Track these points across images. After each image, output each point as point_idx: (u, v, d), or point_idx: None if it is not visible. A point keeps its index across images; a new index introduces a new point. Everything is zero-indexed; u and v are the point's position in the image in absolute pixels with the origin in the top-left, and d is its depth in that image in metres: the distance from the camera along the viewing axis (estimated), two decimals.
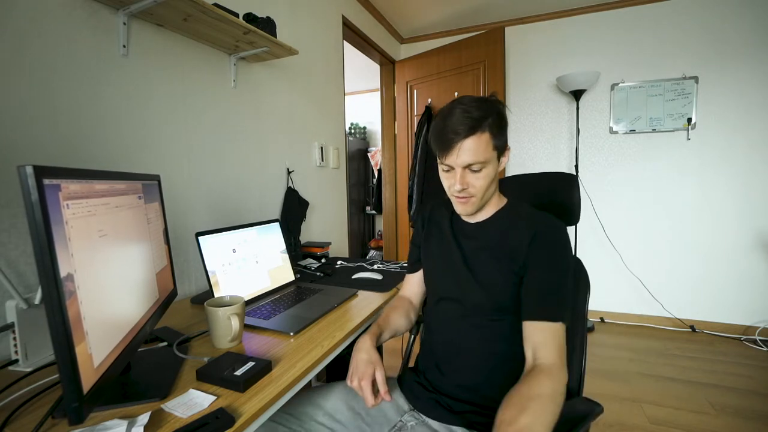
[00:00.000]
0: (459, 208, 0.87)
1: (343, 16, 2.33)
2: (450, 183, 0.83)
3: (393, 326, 0.92)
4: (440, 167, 0.85)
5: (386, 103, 3.31)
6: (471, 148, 0.78)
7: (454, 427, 0.80)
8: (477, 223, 0.90)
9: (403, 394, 0.91)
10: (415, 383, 0.90)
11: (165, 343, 0.86)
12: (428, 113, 2.96)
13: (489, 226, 0.89)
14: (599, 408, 0.76)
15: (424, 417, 0.85)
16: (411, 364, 1.04)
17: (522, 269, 0.80)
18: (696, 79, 2.53)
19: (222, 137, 1.47)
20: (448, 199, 0.96)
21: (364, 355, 0.77)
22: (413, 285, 1.04)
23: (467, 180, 0.81)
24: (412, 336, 1.12)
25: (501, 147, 0.82)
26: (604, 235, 2.80)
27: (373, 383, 0.75)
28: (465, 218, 0.92)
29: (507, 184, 1.07)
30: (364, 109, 4.65)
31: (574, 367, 0.89)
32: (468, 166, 0.79)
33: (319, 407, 0.86)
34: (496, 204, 0.90)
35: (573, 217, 0.96)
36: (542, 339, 0.73)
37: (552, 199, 0.98)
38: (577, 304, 0.91)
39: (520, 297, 0.81)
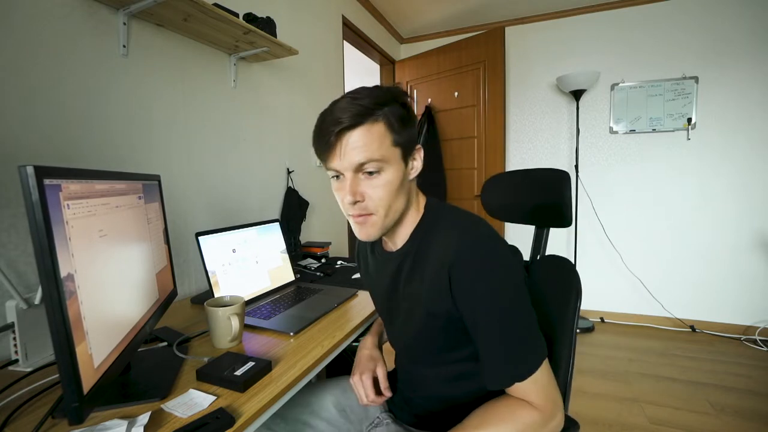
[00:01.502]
0: (357, 231, 0.65)
1: (343, 16, 2.33)
2: (341, 196, 0.62)
3: None
4: (331, 180, 0.65)
5: None
6: (359, 143, 0.59)
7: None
8: (389, 252, 0.71)
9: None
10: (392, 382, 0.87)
11: (165, 343, 0.86)
12: (428, 113, 2.96)
13: (401, 256, 0.68)
14: (575, 427, 0.72)
15: (395, 416, 0.84)
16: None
17: (448, 308, 0.61)
18: (696, 79, 2.53)
19: (222, 137, 1.47)
20: None
21: (366, 351, 0.79)
22: None
23: (361, 189, 0.61)
24: None
25: (406, 145, 0.62)
26: (604, 235, 2.80)
27: (376, 381, 0.75)
28: (386, 245, 0.73)
29: (488, 185, 1.00)
30: None
31: (558, 381, 0.73)
32: (360, 169, 0.60)
33: (306, 405, 0.86)
34: (411, 222, 0.68)
35: (565, 220, 0.83)
36: (525, 395, 0.59)
37: (543, 200, 0.87)
38: (567, 314, 0.77)
39: (456, 345, 0.65)
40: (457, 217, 0.65)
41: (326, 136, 0.60)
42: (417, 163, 0.66)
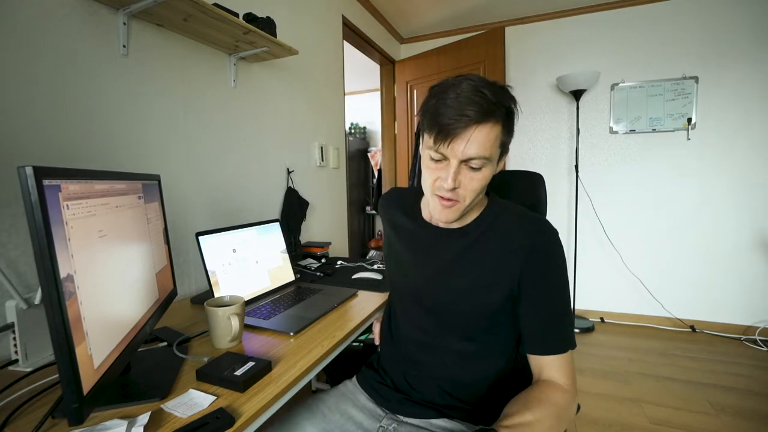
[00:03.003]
0: (439, 212, 0.70)
1: (343, 16, 2.33)
2: (436, 177, 0.67)
3: None
4: (427, 155, 0.68)
5: (386, 103, 3.31)
6: (480, 139, 0.62)
7: (434, 420, 0.76)
8: (450, 230, 0.76)
9: (371, 398, 0.85)
10: (378, 383, 0.85)
11: (165, 343, 0.86)
12: None
13: (468, 234, 0.74)
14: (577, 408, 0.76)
15: (400, 417, 0.79)
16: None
17: (514, 288, 0.69)
18: (696, 79, 2.53)
19: (222, 137, 1.47)
20: (410, 196, 0.85)
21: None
22: None
23: (460, 179, 0.65)
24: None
25: (505, 147, 0.69)
26: (604, 235, 2.80)
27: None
28: (437, 222, 0.78)
29: None
30: (364, 109, 4.65)
31: None
32: (467, 161, 0.64)
33: None
34: (478, 207, 0.75)
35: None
36: (554, 371, 0.68)
37: (521, 201, 0.90)
38: None
39: (506, 317, 0.72)
40: (525, 212, 0.75)
41: (450, 124, 0.62)
42: (503, 163, 0.72)
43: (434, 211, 0.71)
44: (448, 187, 0.65)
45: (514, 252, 0.69)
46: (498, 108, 0.63)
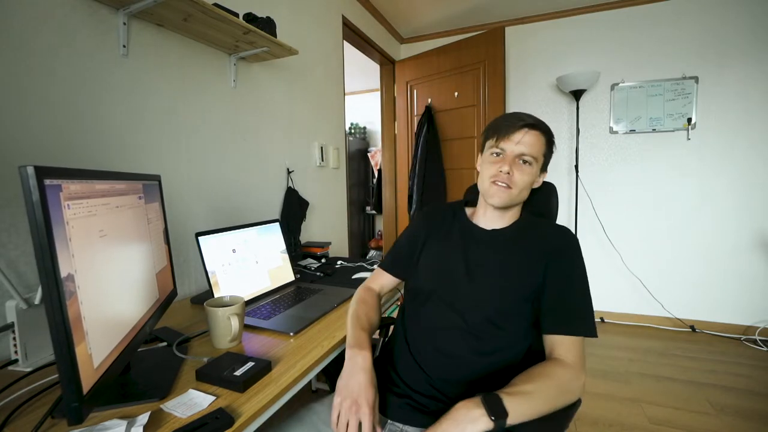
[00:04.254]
0: (495, 195, 0.84)
1: (343, 16, 2.33)
2: (497, 168, 0.83)
3: (374, 327, 0.89)
4: (487, 154, 0.86)
5: (386, 103, 3.31)
6: (530, 140, 0.82)
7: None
8: (493, 230, 0.89)
9: None
10: (386, 392, 0.82)
11: (165, 343, 0.86)
12: (428, 113, 2.96)
13: (506, 234, 0.88)
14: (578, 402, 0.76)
15: (401, 426, 0.78)
16: None
17: (539, 281, 0.80)
18: (696, 79, 2.53)
19: (222, 137, 1.47)
20: (455, 204, 0.97)
21: (363, 376, 0.71)
22: (387, 280, 1.00)
23: (515, 168, 0.82)
24: (382, 339, 1.08)
25: (546, 161, 0.86)
26: (604, 235, 2.80)
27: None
28: (480, 223, 0.90)
29: (475, 191, 1.02)
30: (364, 109, 4.65)
31: None
32: (521, 156, 0.82)
33: None
34: (514, 214, 0.90)
35: None
36: (562, 351, 0.74)
37: (536, 210, 0.96)
38: None
39: (529, 308, 0.80)
40: (550, 222, 0.94)
41: (509, 126, 0.83)
42: (541, 178, 0.90)
43: (488, 195, 0.85)
44: (506, 170, 0.81)
45: (542, 253, 0.82)
46: (543, 125, 0.84)
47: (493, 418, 0.59)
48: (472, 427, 0.59)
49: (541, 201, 0.99)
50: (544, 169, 0.88)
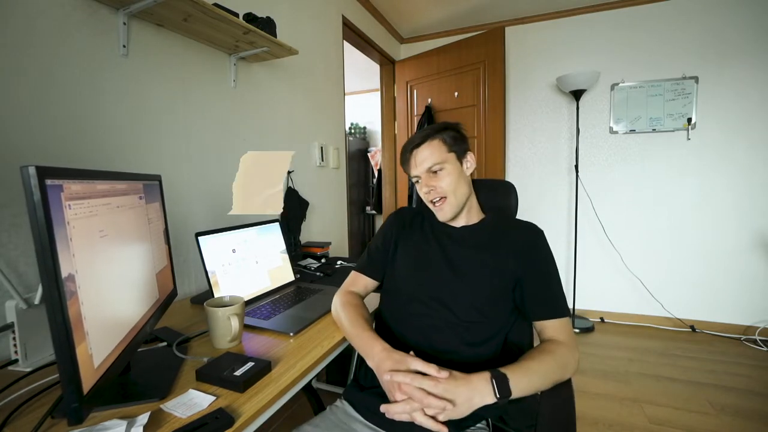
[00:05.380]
0: (438, 214, 0.93)
1: (343, 16, 2.33)
2: (423, 191, 0.91)
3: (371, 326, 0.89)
4: (414, 182, 0.94)
5: (386, 103, 3.31)
6: (424, 155, 0.89)
7: None
8: (464, 226, 0.95)
9: (360, 414, 0.84)
10: (369, 397, 0.84)
11: (165, 343, 0.86)
12: (428, 113, 2.96)
13: (477, 230, 0.94)
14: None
15: None
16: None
17: (517, 272, 0.86)
18: (696, 79, 2.53)
19: (222, 137, 1.47)
20: (423, 206, 1.02)
21: (386, 353, 0.74)
22: (368, 282, 1.00)
23: (432, 182, 0.89)
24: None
25: (458, 150, 0.90)
26: (604, 235, 2.80)
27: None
28: (449, 223, 0.95)
29: None
30: (364, 109, 4.65)
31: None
32: (429, 170, 0.89)
33: None
34: (478, 214, 0.97)
35: None
36: (556, 332, 0.82)
37: (495, 204, 1.05)
38: None
39: (510, 296, 0.87)
40: (518, 219, 0.98)
41: (405, 155, 0.93)
42: (469, 163, 0.93)
43: (437, 215, 0.93)
44: (426, 192, 0.90)
45: (516, 246, 0.88)
46: (434, 132, 0.90)
47: (498, 396, 0.67)
48: (480, 400, 0.67)
49: (501, 199, 1.08)
50: (462, 155, 0.92)
